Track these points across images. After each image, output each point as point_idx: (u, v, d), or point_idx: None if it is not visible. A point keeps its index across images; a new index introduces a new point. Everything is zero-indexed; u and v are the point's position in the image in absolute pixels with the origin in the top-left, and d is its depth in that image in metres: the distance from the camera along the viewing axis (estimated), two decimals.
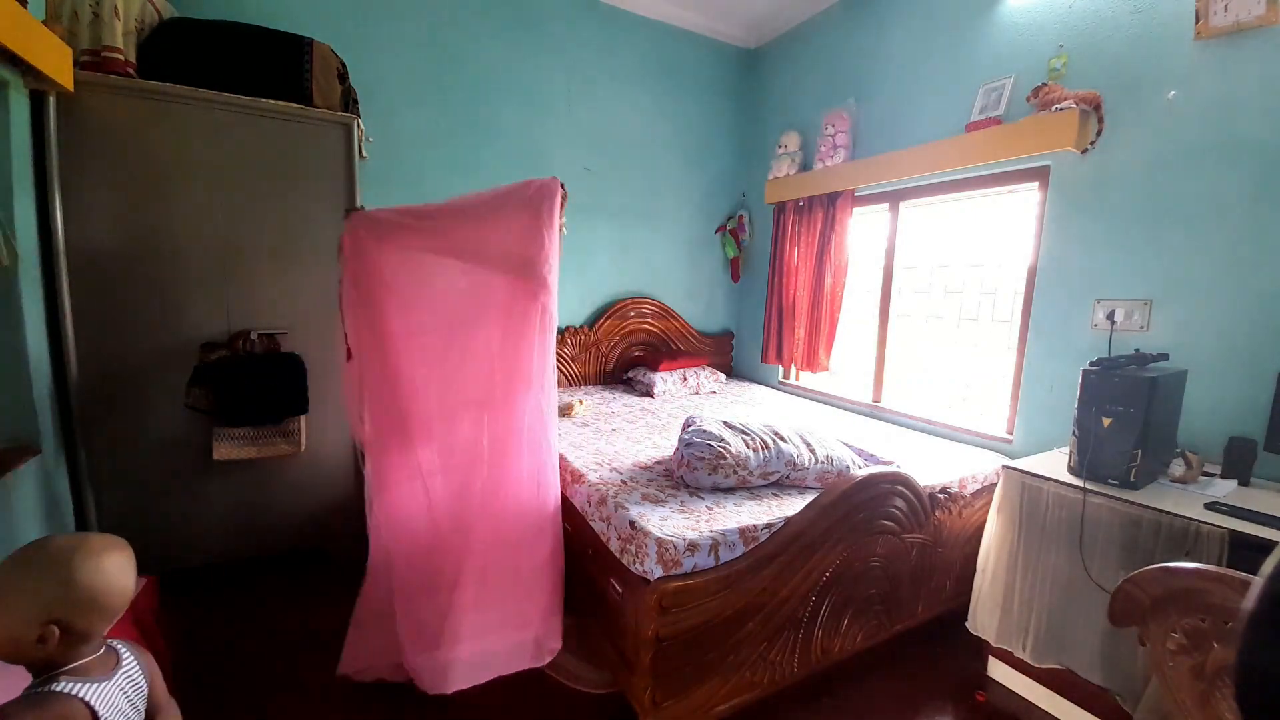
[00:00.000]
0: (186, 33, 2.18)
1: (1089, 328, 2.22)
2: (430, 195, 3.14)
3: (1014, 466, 1.92)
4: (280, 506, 2.48)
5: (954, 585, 2.20)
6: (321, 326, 2.47)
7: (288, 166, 2.33)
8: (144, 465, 2.22)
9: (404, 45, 3.01)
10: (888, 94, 3.07)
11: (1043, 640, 1.82)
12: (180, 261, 2.20)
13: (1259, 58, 1.79)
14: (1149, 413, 1.64)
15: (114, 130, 2.05)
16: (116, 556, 0.93)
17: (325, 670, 1.91)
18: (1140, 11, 2.06)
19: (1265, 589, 0.58)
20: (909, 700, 1.92)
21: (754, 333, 4.14)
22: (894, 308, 3.17)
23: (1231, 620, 0.99)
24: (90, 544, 0.90)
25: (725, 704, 1.69)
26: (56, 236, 1.98)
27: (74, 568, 0.86)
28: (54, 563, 0.86)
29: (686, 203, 4.04)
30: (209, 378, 2.20)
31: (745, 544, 1.68)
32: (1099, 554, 1.67)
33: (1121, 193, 2.13)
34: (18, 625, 0.82)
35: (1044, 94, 2.21)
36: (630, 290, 3.91)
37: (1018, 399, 2.51)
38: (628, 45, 3.63)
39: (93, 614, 0.88)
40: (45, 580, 0.84)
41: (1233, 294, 1.87)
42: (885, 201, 3.14)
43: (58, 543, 0.89)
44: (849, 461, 2.09)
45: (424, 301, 1.88)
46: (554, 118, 3.47)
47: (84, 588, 0.86)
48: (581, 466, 2.16)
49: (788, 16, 3.68)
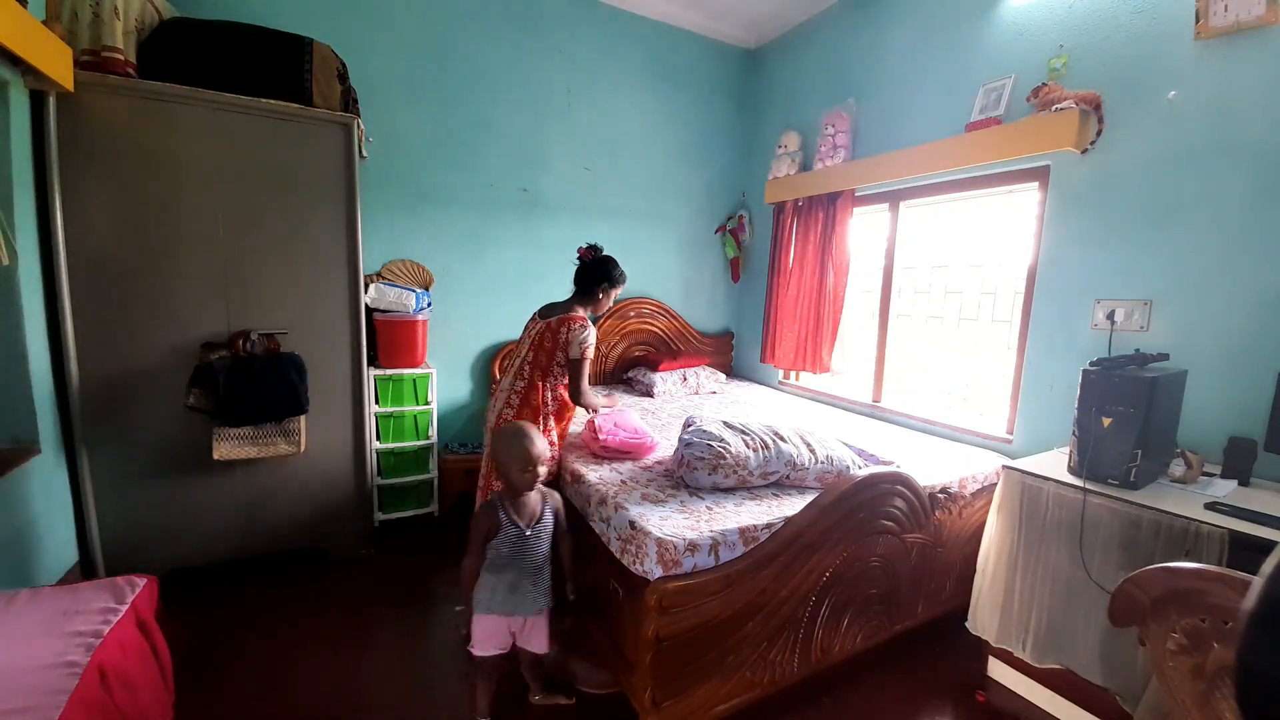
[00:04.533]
0: (186, 33, 2.18)
1: (1089, 328, 2.22)
2: (430, 195, 3.18)
3: (1014, 466, 1.92)
4: (280, 506, 2.48)
5: (954, 585, 2.20)
6: (321, 326, 2.47)
7: (288, 166, 2.33)
8: (144, 465, 2.22)
9: (404, 45, 3.01)
10: (888, 94, 3.06)
11: (1043, 640, 1.82)
12: (180, 261, 2.20)
13: (1259, 58, 1.79)
14: (1149, 413, 1.64)
15: (114, 130, 2.05)
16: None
17: (325, 670, 1.92)
18: (1140, 11, 2.06)
19: (1265, 589, 0.58)
20: (909, 700, 1.92)
21: (754, 333, 4.14)
22: (894, 308, 3.17)
23: (1231, 620, 0.99)
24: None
25: (725, 704, 1.69)
26: (56, 236, 1.98)
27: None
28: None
29: (686, 203, 4.04)
30: (209, 378, 2.20)
31: (745, 544, 1.68)
32: (1099, 554, 1.67)
33: (1121, 193, 2.13)
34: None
35: (1044, 94, 2.21)
36: (630, 290, 3.90)
37: (1018, 399, 2.51)
38: (628, 45, 3.63)
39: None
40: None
41: (1233, 294, 1.86)
42: (885, 201, 3.14)
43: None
44: (849, 461, 2.09)
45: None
46: (554, 117, 3.47)
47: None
48: (581, 466, 2.16)
49: (788, 16, 3.67)
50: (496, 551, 1.64)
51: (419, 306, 2.95)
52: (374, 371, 2.83)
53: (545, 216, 3.50)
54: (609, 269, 2.22)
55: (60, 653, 1.19)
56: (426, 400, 2.99)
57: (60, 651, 1.19)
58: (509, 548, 1.64)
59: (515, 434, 1.64)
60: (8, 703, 1.05)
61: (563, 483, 2.23)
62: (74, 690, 1.10)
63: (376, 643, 2.11)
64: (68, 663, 1.17)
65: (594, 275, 2.21)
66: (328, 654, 2.01)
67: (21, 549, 1.84)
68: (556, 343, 2.11)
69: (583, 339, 2.09)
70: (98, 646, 1.23)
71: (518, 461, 1.61)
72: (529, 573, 1.66)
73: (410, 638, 2.18)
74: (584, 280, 2.22)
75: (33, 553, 1.90)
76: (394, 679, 1.91)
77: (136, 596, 1.43)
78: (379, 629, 2.20)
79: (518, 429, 1.67)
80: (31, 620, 1.30)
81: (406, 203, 3.12)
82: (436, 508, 3.11)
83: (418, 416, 2.98)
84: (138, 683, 1.34)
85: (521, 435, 1.64)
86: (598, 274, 2.21)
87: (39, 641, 1.23)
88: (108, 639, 1.26)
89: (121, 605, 1.38)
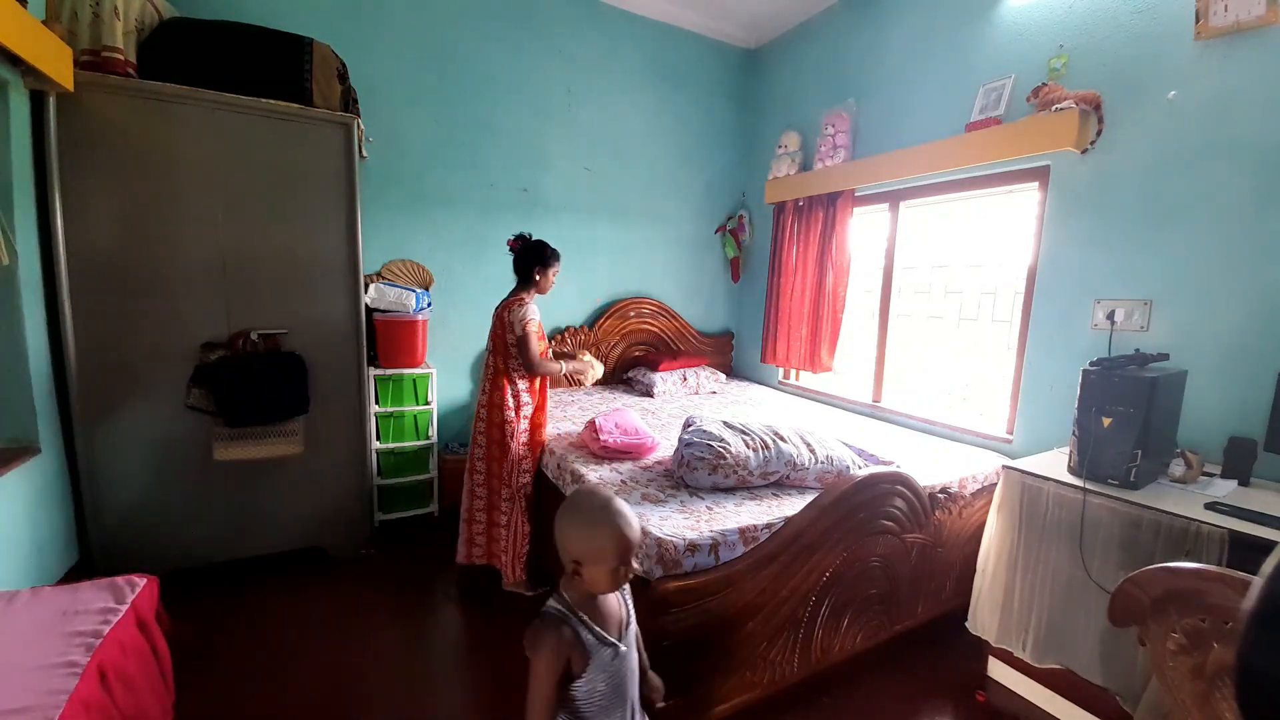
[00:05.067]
0: (186, 33, 2.18)
1: (1089, 328, 2.22)
2: (430, 195, 3.17)
3: (1014, 466, 1.91)
4: (280, 506, 2.48)
5: (954, 585, 2.20)
6: (322, 326, 2.47)
7: (288, 166, 2.33)
8: (144, 465, 2.22)
9: (404, 45, 3.01)
10: (888, 94, 3.06)
11: (1043, 640, 1.82)
12: (180, 261, 2.20)
13: (1259, 58, 1.79)
14: (1149, 413, 1.64)
15: (114, 130, 2.05)
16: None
17: (325, 670, 1.92)
18: (1140, 11, 2.06)
19: (1265, 589, 0.58)
20: (909, 700, 1.93)
21: (754, 333, 4.14)
22: (894, 308, 3.17)
23: (1231, 620, 0.99)
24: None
25: (725, 704, 1.69)
26: (56, 236, 1.98)
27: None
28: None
29: (686, 203, 4.04)
30: (209, 378, 2.21)
31: (745, 544, 1.68)
32: (1099, 554, 1.67)
33: (1121, 193, 2.13)
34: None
35: (1044, 94, 2.21)
36: (630, 290, 3.91)
37: (1018, 399, 2.51)
38: (628, 45, 3.63)
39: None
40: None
41: (1233, 294, 1.86)
42: (885, 201, 3.14)
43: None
44: (849, 461, 2.09)
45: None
46: (554, 117, 3.47)
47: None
48: (581, 466, 2.16)
49: (788, 16, 3.67)
50: (590, 693, 1.02)
51: (419, 306, 2.95)
52: (374, 371, 2.83)
53: (545, 217, 3.49)
54: (538, 251, 2.35)
55: (60, 653, 1.19)
56: (426, 400, 2.99)
57: (60, 651, 1.19)
58: (607, 680, 1.03)
59: (601, 510, 1.03)
60: (8, 703, 1.05)
61: (563, 483, 2.23)
62: (74, 690, 1.10)
63: (376, 643, 2.11)
64: (68, 663, 1.17)
65: (526, 260, 2.35)
66: (327, 654, 2.01)
67: (21, 549, 1.84)
68: (503, 328, 2.30)
69: (522, 316, 2.25)
70: (98, 646, 1.23)
71: (614, 553, 1.00)
72: (633, 705, 1.11)
73: (410, 638, 2.18)
74: (520, 268, 2.37)
75: (33, 553, 1.90)
76: (394, 679, 1.91)
77: (136, 596, 1.43)
78: (379, 629, 2.20)
79: (603, 502, 1.05)
80: (31, 620, 1.30)
81: (407, 203, 3.12)
82: (436, 508, 3.11)
83: (418, 416, 2.98)
84: (138, 683, 1.34)
85: (610, 513, 1.02)
86: (529, 259, 2.34)
87: (39, 641, 1.23)
88: (108, 639, 1.26)
89: (121, 605, 1.38)
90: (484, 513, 2.37)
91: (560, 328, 3.66)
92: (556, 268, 2.40)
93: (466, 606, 2.37)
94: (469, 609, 2.36)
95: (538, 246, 2.36)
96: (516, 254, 2.36)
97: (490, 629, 2.21)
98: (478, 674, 2.00)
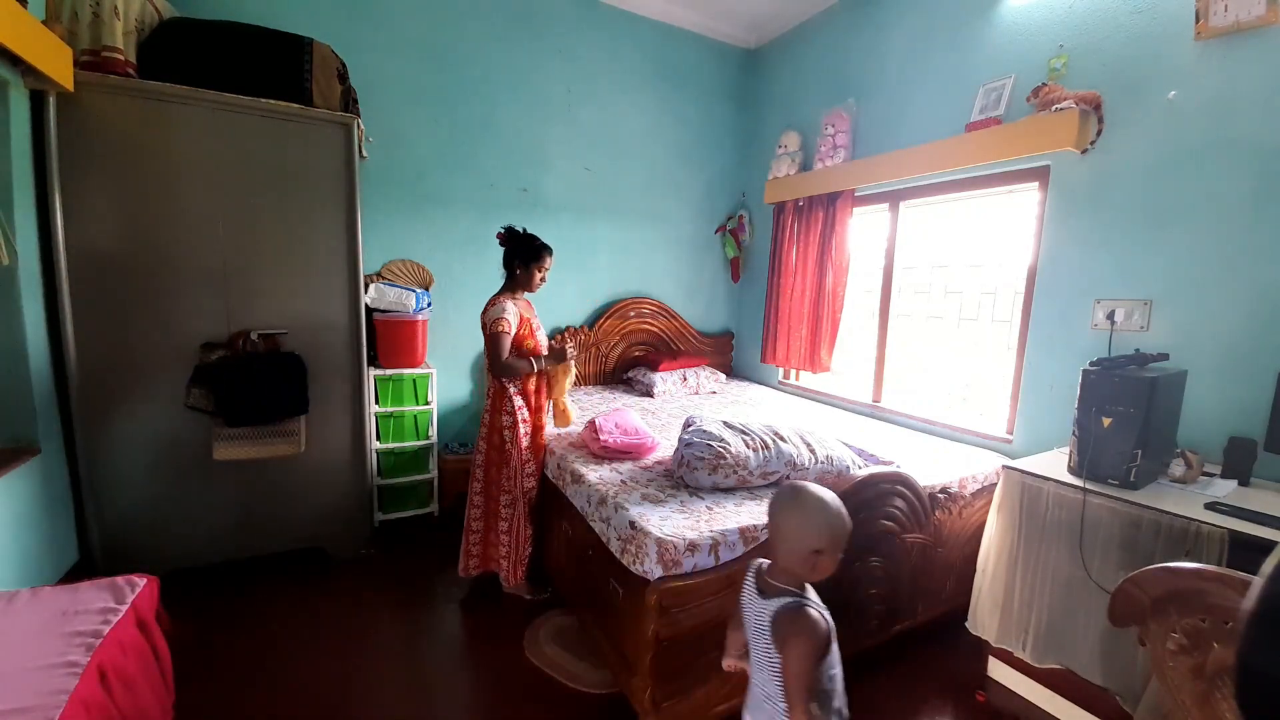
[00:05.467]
0: (186, 33, 2.18)
1: (1089, 328, 2.22)
2: (430, 195, 3.17)
3: (1014, 466, 1.91)
4: (280, 506, 2.48)
5: (954, 585, 2.20)
6: (321, 326, 2.47)
7: (288, 166, 2.33)
8: (144, 465, 2.22)
9: (404, 45, 3.01)
10: (888, 94, 3.06)
11: (1043, 640, 1.82)
12: (180, 261, 2.20)
13: (1259, 58, 1.79)
14: (1149, 413, 1.64)
15: (114, 130, 2.05)
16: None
17: (325, 670, 1.91)
18: (1140, 11, 2.06)
19: (1265, 589, 0.58)
20: (909, 700, 1.92)
21: (754, 333, 4.14)
22: (894, 308, 3.17)
23: (1231, 620, 0.99)
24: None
25: (725, 704, 1.68)
26: (56, 236, 1.98)
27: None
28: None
29: (686, 203, 4.04)
30: (209, 378, 2.20)
31: (745, 544, 1.68)
32: (1099, 554, 1.67)
33: (1121, 193, 2.13)
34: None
35: (1044, 94, 2.21)
36: (630, 290, 3.91)
37: (1018, 399, 2.51)
38: (628, 45, 3.63)
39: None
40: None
41: (1232, 294, 1.86)
42: (885, 201, 3.14)
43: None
44: (849, 461, 2.09)
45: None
46: (554, 118, 3.47)
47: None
48: (581, 466, 2.16)
49: (788, 16, 3.67)
50: (833, 677, 1.10)
51: (419, 306, 2.95)
52: (374, 371, 2.83)
53: (546, 217, 3.49)
54: (522, 245, 2.29)
55: (60, 653, 1.19)
56: (426, 400, 2.99)
57: (60, 651, 1.19)
58: (839, 663, 1.12)
59: (836, 504, 1.11)
60: (8, 703, 1.05)
61: (563, 483, 2.23)
62: (74, 690, 1.10)
63: (376, 643, 2.11)
64: (68, 663, 1.16)
65: (510, 256, 2.29)
66: (327, 654, 2.01)
67: (21, 549, 1.85)
68: (484, 331, 2.26)
69: (493, 317, 2.19)
70: (98, 646, 1.23)
71: (845, 542, 1.10)
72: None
73: (410, 638, 2.18)
74: (506, 263, 2.31)
75: (33, 553, 1.90)
76: (394, 679, 1.91)
77: (136, 596, 1.43)
78: (379, 629, 2.20)
79: (836, 497, 1.12)
80: (31, 620, 1.30)
81: (407, 203, 3.12)
82: (436, 508, 3.11)
83: (418, 416, 2.98)
84: (138, 683, 1.34)
85: (841, 507, 1.12)
86: (513, 254, 2.29)
87: (39, 641, 1.23)
88: (108, 639, 1.26)
89: (121, 605, 1.37)
90: (480, 521, 2.35)
91: (560, 328, 3.66)
92: (545, 264, 2.31)
93: (467, 610, 2.36)
94: (469, 610, 2.35)
95: (521, 240, 2.28)
96: (504, 250, 2.30)
97: (490, 630, 2.21)
98: (478, 674, 2.00)
